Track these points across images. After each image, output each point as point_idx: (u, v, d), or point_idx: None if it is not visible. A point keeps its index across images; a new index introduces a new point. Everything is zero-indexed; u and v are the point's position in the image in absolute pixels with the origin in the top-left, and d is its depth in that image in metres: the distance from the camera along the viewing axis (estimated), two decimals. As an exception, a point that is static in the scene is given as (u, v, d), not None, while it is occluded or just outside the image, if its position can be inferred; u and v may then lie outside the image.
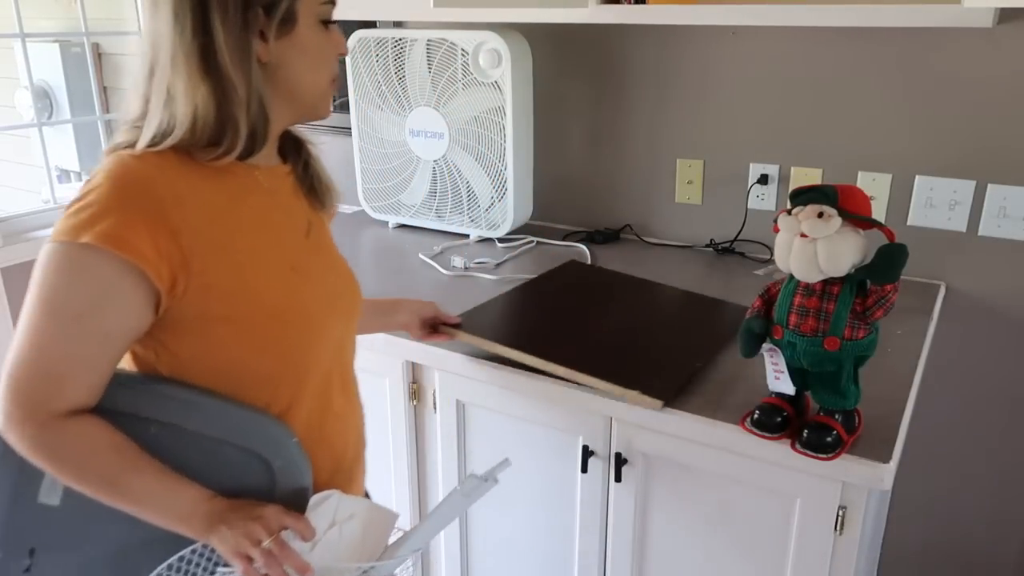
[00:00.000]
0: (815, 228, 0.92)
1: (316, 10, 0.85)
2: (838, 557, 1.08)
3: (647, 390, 1.10)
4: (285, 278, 0.89)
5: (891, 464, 0.98)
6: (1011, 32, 1.41)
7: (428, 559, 1.50)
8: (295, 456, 0.87)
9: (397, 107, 1.87)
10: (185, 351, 0.84)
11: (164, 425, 0.84)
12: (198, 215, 0.81)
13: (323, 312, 0.93)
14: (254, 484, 0.85)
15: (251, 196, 0.88)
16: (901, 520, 1.75)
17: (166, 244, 0.78)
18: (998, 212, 1.50)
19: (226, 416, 0.85)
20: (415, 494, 1.46)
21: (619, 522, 1.24)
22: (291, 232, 0.93)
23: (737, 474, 1.11)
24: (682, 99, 1.76)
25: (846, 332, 0.96)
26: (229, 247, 0.84)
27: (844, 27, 1.54)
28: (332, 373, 0.96)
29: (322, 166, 1.01)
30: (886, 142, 1.58)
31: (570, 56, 1.86)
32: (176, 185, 0.81)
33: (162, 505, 0.83)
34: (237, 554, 0.80)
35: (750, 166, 1.73)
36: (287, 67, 0.85)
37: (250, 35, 0.81)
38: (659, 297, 1.45)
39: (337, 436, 0.97)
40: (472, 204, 1.87)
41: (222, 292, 0.82)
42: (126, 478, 0.82)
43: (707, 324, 1.33)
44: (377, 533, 0.90)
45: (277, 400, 0.89)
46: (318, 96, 0.90)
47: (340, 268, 1.01)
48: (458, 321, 1.27)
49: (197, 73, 0.79)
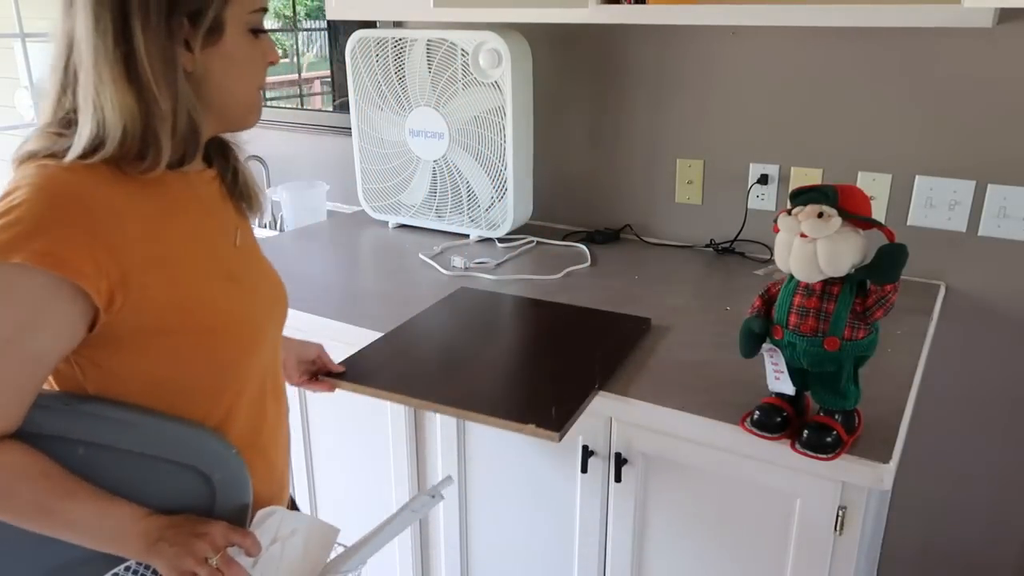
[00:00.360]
0: (815, 228, 0.92)
1: (245, 19, 0.82)
2: (838, 557, 1.08)
3: (542, 423, 1.05)
4: (222, 289, 0.87)
5: (891, 464, 0.98)
6: (1011, 32, 1.41)
7: (428, 559, 1.50)
8: (235, 469, 0.85)
9: (397, 107, 1.87)
10: (118, 366, 0.81)
11: (94, 446, 0.80)
12: (135, 229, 0.78)
13: (260, 320, 0.92)
14: (192, 500, 0.83)
15: (185, 206, 0.86)
16: (901, 520, 1.75)
17: (105, 260, 0.75)
18: (998, 212, 1.50)
19: (161, 432, 0.82)
20: (416, 493, 1.46)
21: (619, 522, 1.24)
22: (223, 240, 0.91)
23: (737, 474, 1.11)
24: (682, 99, 1.76)
25: (846, 332, 0.96)
26: (166, 260, 0.81)
27: (844, 27, 1.54)
28: (266, 381, 0.94)
29: (249, 172, 0.98)
30: (886, 142, 1.58)
31: (570, 56, 1.86)
32: (112, 199, 0.77)
33: (95, 527, 0.80)
34: (180, 572, 0.78)
35: (750, 166, 1.73)
36: (214, 78, 0.82)
37: (174, 44, 0.77)
38: (553, 317, 1.40)
39: (271, 444, 0.96)
40: (472, 204, 1.87)
41: (160, 306, 0.80)
42: (56, 504, 0.78)
43: (601, 341, 1.30)
44: (318, 549, 0.90)
45: (214, 412, 0.87)
46: (247, 106, 0.87)
47: (270, 274, 0.99)
48: (341, 370, 1.19)
49: (122, 83, 0.76)
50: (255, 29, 0.84)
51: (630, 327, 1.35)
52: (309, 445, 1.58)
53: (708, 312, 1.46)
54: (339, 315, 1.44)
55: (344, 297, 1.55)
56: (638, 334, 1.33)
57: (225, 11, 0.80)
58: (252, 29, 0.84)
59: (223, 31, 0.81)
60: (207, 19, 0.79)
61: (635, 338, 1.31)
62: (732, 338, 1.07)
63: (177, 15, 0.77)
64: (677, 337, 1.34)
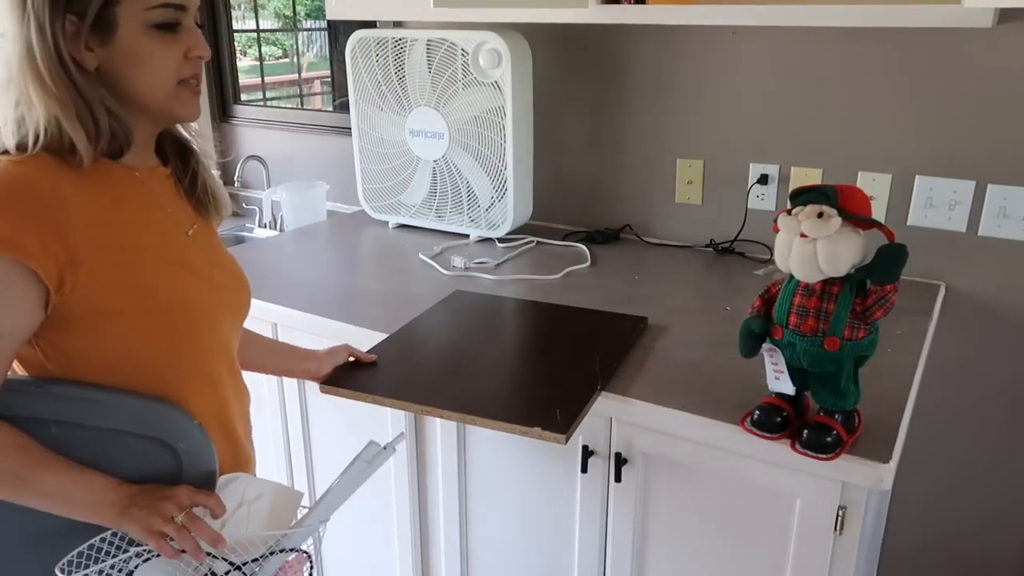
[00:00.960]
0: (815, 228, 0.92)
1: (142, 16, 0.84)
2: (838, 557, 1.08)
3: (548, 425, 1.05)
4: (171, 273, 0.91)
5: (891, 464, 0.98)
6: (1011, 32, 1.41)
7: (428, 559, 1.50)
8: (198, 437, 0.90)
9: (397, 107, 1.87)
10: (75, 347, 0.86)
11: (66, 424, 0.86)
12: (82, 215, 0.83)
13: (210, 305, 0.96)
14: (161, 470, 0.88)
15: (132, 196, 0.90)
16: (901, 520, 1.75)
17: (53, 243, 0.79)
18: (998, 212, 1.50)
19: (125, 408, 0.87)
20: (416, 493, 1.46)
21: (619, 522, 1.24)
22: (174, 230, 0.95)
23: (737, 474, 1.11)
24: (682, 99, 1.76)
25: (846, 332, 0.96)
26: (114, 245, 0.86)
27: (844, 27, 1.54)
28: (221, 365, 0.98)
29: (210, 174, 1.02)
30: (886, 142, 1.58)
31: (570, 56, 1.86)
32: (59, 187, 0.82)
33: (70, 497, 0.85)
34: (150, 532, 0.82)
35: (750, 166, 1.73)
36: (119, 74, 0.85)
37: (60, 41, 0.81)
38: (549, 318, 1.40)
39: (229, 423, 1.00)
40: (472, 204, 1.87)
41: (109, 288, 0.84)
42: (32, 474, 0.83)
43: (599, 341, 1.30)
44: (284, 512, 0.94)
45: (169, 390, 0.91)
46: (164, 101, 0.89)
47: (227, 265, 1.03)
48: (372, 358, 1.24)
49: (32, 81, 0.81)
50: (163, 24, 0.86)
51: (627, 326, 1.35)
52: (309, 445, 1.58)
53: (708, 312, 1.46)
54: (339, 315, 1.44)
55: (344, 297, 1.55)
56: (636, 333, 1.33)
57: (114, 9, 0.82)
58: (159, 24, 0.85)
59: (115, 28, 0.83)
60: (90, 16, 0.82)
61: (633, 337, 1.31)
62: (732, 338, 1.07)
63: (59, 13, 0.81)
64: (677, 337, 1.34)
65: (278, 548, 0.89)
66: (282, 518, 0.93)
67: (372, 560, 1.58)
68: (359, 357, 1.24)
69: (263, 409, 1.58)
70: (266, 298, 1.50)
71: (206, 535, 0.83)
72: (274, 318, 1.50)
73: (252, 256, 1.80)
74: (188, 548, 0.82)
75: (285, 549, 0.90)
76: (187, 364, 0.92)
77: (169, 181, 0.97)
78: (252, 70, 2.74)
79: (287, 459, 1.62)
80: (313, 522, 0.92)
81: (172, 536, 0.82)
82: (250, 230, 2.52)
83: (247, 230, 2.53)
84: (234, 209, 2.63)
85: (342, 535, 1.61)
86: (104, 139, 0.85)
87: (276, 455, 1.63)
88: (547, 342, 1.31)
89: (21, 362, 0.89)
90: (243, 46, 2.71)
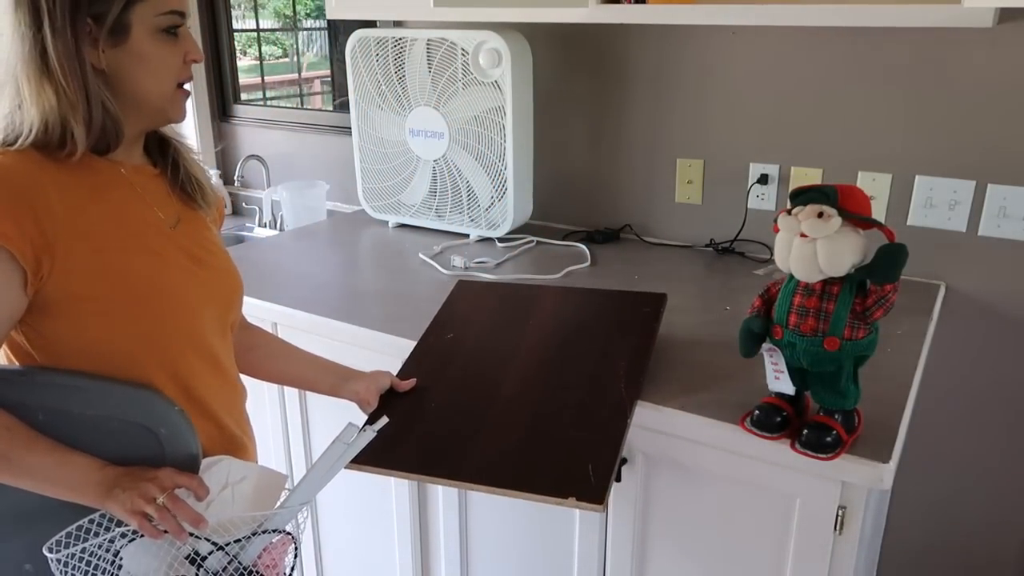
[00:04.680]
0: (815, 228, 0.92)
1: (152, 21, 0.89)
2: (838, 557, 1.08)
3: (583, 494, 0.95)
4: (147, 261, 0.93)
5: (891, 464, 0.98)
6: (1011, 32, 1.41)
7: (428, 559, 1.50)
8: (179, 423, 0.92)
9: (397, 107, 1.87)
10: (55, 333, 0.89)
11: (51, 411, 0.89)
12: (59, 203, 0.86)
13: (187, 295, 0.97)
14: (145, 454, 0.91)
15: (113, 190, 0.93)
16: (901, 520, 1.75)
17: (29, 227, 0.83)
18: (998, 212, 1.50)
19: (107, 394, 0.90)
20: (416, 493, 1.46)
21: (619, 522, 1.24)
22: (155, 223, 0.97)
23: (737, 474, 1.11)
24: (682, 99, 1.76)
25: (846, 332, 0.96)
26: (90, 233, 0.88)
27: (844, 27, 1.54)
28: (200, 355, 0.98)
29: (196, 165, 1.04)
30: (886, 142, 1.58)
31: (570, 56, 1.86)
32: (38, 177, 0.86)
33: (55, 477, 0.87)
34: (133, 513, 0.84)
35: (750, 166, 1.73)
36: (125, 74, 0.90)
37: (79, 43, 0.85)
38: (565, 305, 1.28)
39: (210, 411, 1.00)
40: (472, 204, 1.87)
41: (85, 273, 0.87)
42: (18, 454, 0.86)
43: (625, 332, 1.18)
44: (268, 494, 0.95)
45: (149, 375, 0.93)
46: (163, 102, 0.94)
47: (215, 260, 1.04)
48: (411, 385, 1.17)
49: (37, 79, 0.85)
50: (168, 29, 0.91)
51: (647, 311, 1.25)
52: (309, 449, 1.58)
53: (708, 312, 1.46)
54: (339, 315, 1.44)
55: (344, 297, 1.55)
56: (655, 318, 1.24)
57: (129, 14, 0.87)
58: (164, 29, 0.90)
59: (128, 32, 0.88)
60: (109, 20, 0.86)
61: (655, 326, 1.23)
62: (732, 338, 1.07)
63: (81, 16, 0.85)
64: (677, 337, 1.34)
65: (261, 529, 0.90)
66: (266, 500, 0.95)
67: (372, 560, 1.58)
68: (397, 387, 1.17)
69: (262, 403, 1.58)
70: (266, 298, 1.50)
71: (188, 516, 0.84)
72: (274, 318, 1.50)
73: (252, 256, 1.80)
74: (170, 528, 0.84)
75: (268, 530, 0.91)
76: (161, 350, 0.94)
77: (158, 180, 1.00)
78: (252, 70, 2.74)
79: (286, 455, 1.62)
80: (294, 504, 0.92)
81: (154, 516, 0.84)
82: (250, 230, 2.53)
83: (247, 230, 2.53)
84: (234, 209, 2.64)
85: (342, 535, 1.61)
86: (95, 135, 0.89)
87: (276, 453, 1.63)
88: (566, 346, 1.21)
89: (10, 350, 0.92)
90: (243, 46, 2.71)
